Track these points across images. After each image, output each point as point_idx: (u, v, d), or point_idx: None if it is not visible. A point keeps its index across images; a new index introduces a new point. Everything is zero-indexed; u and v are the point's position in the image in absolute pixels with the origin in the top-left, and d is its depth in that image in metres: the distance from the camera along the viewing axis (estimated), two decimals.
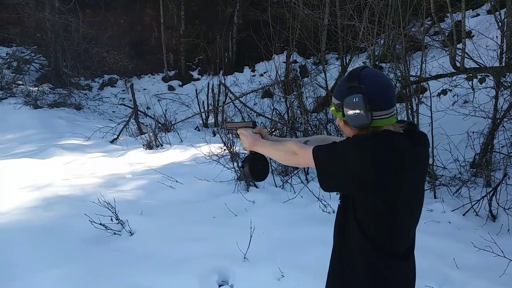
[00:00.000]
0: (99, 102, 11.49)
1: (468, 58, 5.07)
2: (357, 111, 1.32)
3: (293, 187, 4.56)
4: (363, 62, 7.54)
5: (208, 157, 5.50)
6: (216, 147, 5.73)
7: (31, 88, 10.82)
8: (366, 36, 5.78)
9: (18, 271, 2.88)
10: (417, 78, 5.29)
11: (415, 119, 4.94)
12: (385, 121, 1.35)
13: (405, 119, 4.84)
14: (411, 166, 1.32)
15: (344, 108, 1.36)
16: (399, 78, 5.19)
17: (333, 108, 1.46)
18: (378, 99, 1.33)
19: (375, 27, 5.69)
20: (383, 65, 8.25)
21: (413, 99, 5.06)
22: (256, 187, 4.68)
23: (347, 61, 8.80)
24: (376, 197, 1.29)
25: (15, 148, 7.13)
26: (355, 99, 1.32)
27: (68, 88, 11.18)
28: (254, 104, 9.24)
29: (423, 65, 5.09)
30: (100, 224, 3.37)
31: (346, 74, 1.43)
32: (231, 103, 9.09)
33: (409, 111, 5.06)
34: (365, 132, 1.37)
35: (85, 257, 3.13)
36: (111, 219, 3.48)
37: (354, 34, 6.65)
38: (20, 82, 10.94)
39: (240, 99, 8.69)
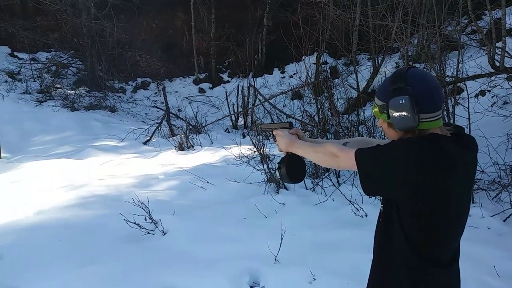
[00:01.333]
0: (132, 105, 11.80)
1: (508, 57, 4.86)
2: (404, 113, 1.28)
3: (324, 190, 4.51)
4: (396, 63, 7.38)
5: (238, 159, 5.53)
6: (246, 149, 5.75)
7: (69, 91, 11.25)
8: (399, 36, 5.66)
9: (58, 267, 2.99)
10: (453, 79, 5.13)
11: (451, 121, 4.79)
12: (432, 124, 1.31)
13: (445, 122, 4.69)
14: (460, 170, 1.27)
15: (389, 110, 1.32)
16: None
17: (376, 109, 1.41)
18: (426, 101, 1.28)
19: (408, 27, 5.57)
20: (417, 65, 8.04)
21: (449, 101, 4.91)
22: (286, 189, 4.67)
23: (379, 62, 8.64)
24: (423, 202, 1.25)
25: (54, 149, 7.43)
26: (402, 101, 1.28)
27: (103, 91, 11.55)
28: (284, 106, 9.22)
29: (460, 65, 4.92)
30: (135, 223, 3.45)
31: (390, 75, 1.39)
32: (261, 105, 9.11)
33: (445, 113, 4.91)
34: (411, 135, 1.32)
35: (119, 255, 3.21)
36: (145, 219, 3.56)
37: (387, 34, 6.52)
38: (58, 86, 11.39)
39: (270, 100, 8.69)
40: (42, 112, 9.72)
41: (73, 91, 11.28)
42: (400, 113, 1.28)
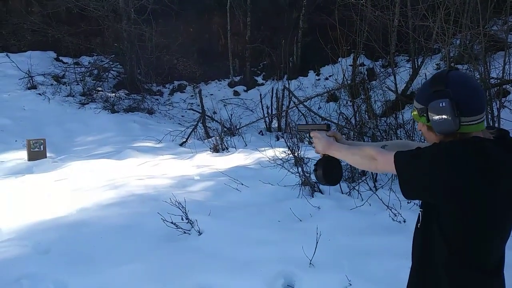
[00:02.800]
0: (169, 107, 12.08)
1: None
2: (444, 116, 1.25)
3: (360, 194, 4.42)
4: (437, 64, 7.15)
5: (273, 161, 5.52)
6: (280, 151, 5.74)
7: (109, 94, 11.68)
8: (440, 36, 5.47)
9: (99, 264, 3.10)
10: (498, 81, 4.91)
11: (496, 124, 4.58)
12: (474, 127, 1.27)
13: (488, 125, 4.50)
14: (505, 174, 1.23)
15: (429, 113, 1.30)
16: (478, 81, 4.84)
17: (415, 112, 1.39)
18: (467, 104, 1.25)
19: (450, 27, 5.37)
20: (460, 66, 7.74)
21: (494, 103, 4.70)
22: (321, 192, 4.61)
23: (419, 64, 8.39)
24: (465, 207, 1.21)
25: (95, 150, 7.73)
26: (442, 104, 1.26)
27: (141, 93, 11.91)
28: (319, 108, 9.15)
29: (506, 66, 4.70)
30: (172, 222, 3.53)
31: (430, 77, 1.37)
32: (295, 108, 9.07)
33: (489, 116, 4.69)
34: (451, 139, 1.29)
35: (157, 254, 3.28)
36: (182, 219, 3.62)
37: (427, 34, 6.33)
38: (99, 89, 11.85)
39: (304, 103, 8.64)
40: (84, 114, 10.15)
41: (113, 94, 11.71)
42: (440, 116, 1.26)
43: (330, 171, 1.70)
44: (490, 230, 1.25)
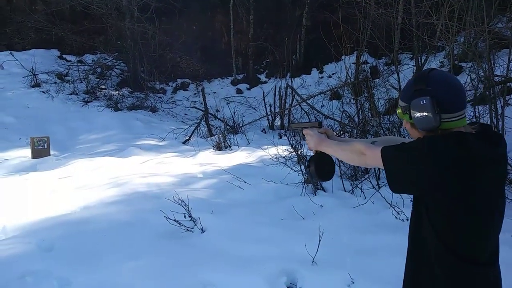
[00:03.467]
0: (172, 105, 12.10)
1: None
2: (425, 113, 1.31)
3: (363, 192, 4.42)
4: (441, 62, 7.11)
5: (275, 159, 5.52)
6: (283, 149, 5.74)
7: (112, 92, 11.71)
8: (444, 34, 5.44)
9: (104, 261, 3.12)
10: (503, 78, 4.88)
11: (500, 122, 4.55)
12: (454, 124, 1.32)
13: (489, 122, 4.48)
14: (486, 166, 1.26)
15: (411, 111, 1.36)
16: (482, 79, 4.81)
17: (399, 110, 1.45)
18: (447, 101, 1.30)
19: (454, 24, 5.34)
20: (463, 64, 7.71)
21: (497, 101, 4.67)
22: (324, 191, 4.61)
23: (423, 61, 8.34)
24: (449, 199, 1.25)
25: (99, 147, 7.76)
26: (423, 102, 1.31)
27: (144, 91, 11.93)
28: (322, 106, 9.13)
29: (511, 64, 4.67)
30: (174, 220, 3.54)
31: (413, 77, 1.42)
32: (298, 106, 9.06)
33: (493, 114, 4.67)
34: (433, 135, 1.33)
35: (160, 251, 3.30)
36: (185, 216, 3.63)
37: (431, 32, 6.30)
38: (103, 87, 11.89)
39: (307, 101, 8.63)
40: (88, 112, 10.18)
41: (117, 92, 11.73)
42: (422, 114, 1.32)
43: (322, 167, 1.75)
44: (478, 220, 1.28)
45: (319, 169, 1.74)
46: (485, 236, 1.31)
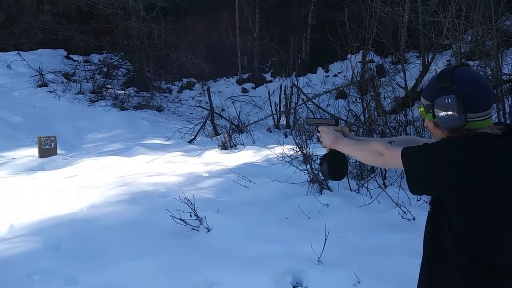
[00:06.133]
0: (178, 104, 12.12)
1: None
2: (450, 112, 1.26)
3: (369, 192, 4.40)
4: (447, 60, 7.06)
5: (281, 159, 5.52)
6: (289, 149, 5.73)
7: (118, 91, 11.76)
8: (451, 32, 5.40)
9: (108, 260, 3.13)
10: (510, 77, 4.83)
11: (508, 121, 4.51)
12: (480, 124, 1.27)
13: (496, 121, 4.44)
14: None
15: (435, 109, 1.31)
16: (489, 77, 4.77)
17: (422, 109, 1.40)
18: (473, 100, 1.25)
19: (462, 22, 5.30)
20: (471, 63, 7.64)
21: (505, 100, 4.63)
22: (330, 190, 4.60)
23: (429, 60, 8.29)
24: (472, 202, 1.21)
25: (105, 147, 7.80)
26: (448, 100, 1.26)
27: (150, 91, 11.96)
28: (328, 105, 9.10)
29: None
30: (180, 219, 3.55)
31: (437, 74, 1.37)
32: (304, 105, 9.04)
33: (501, 113, 4.63)
34: (458, 135, 1.29)
35: (166, 250, 3.31)
36: (190, 215, 3.64)
37: (438, 30, 6.25)
38: (109, 86, 11.93)
39: (313, 100, 8.61)
40: (94, 111, 10.23)
41: (123, 91, 11.78)
42: (446, 113, 1.27)
43: (335, 166, 1.69)
44: (500, 226, 1.24)
45: (331, 168, 1.68)
46: (506, 241, 1.27)
